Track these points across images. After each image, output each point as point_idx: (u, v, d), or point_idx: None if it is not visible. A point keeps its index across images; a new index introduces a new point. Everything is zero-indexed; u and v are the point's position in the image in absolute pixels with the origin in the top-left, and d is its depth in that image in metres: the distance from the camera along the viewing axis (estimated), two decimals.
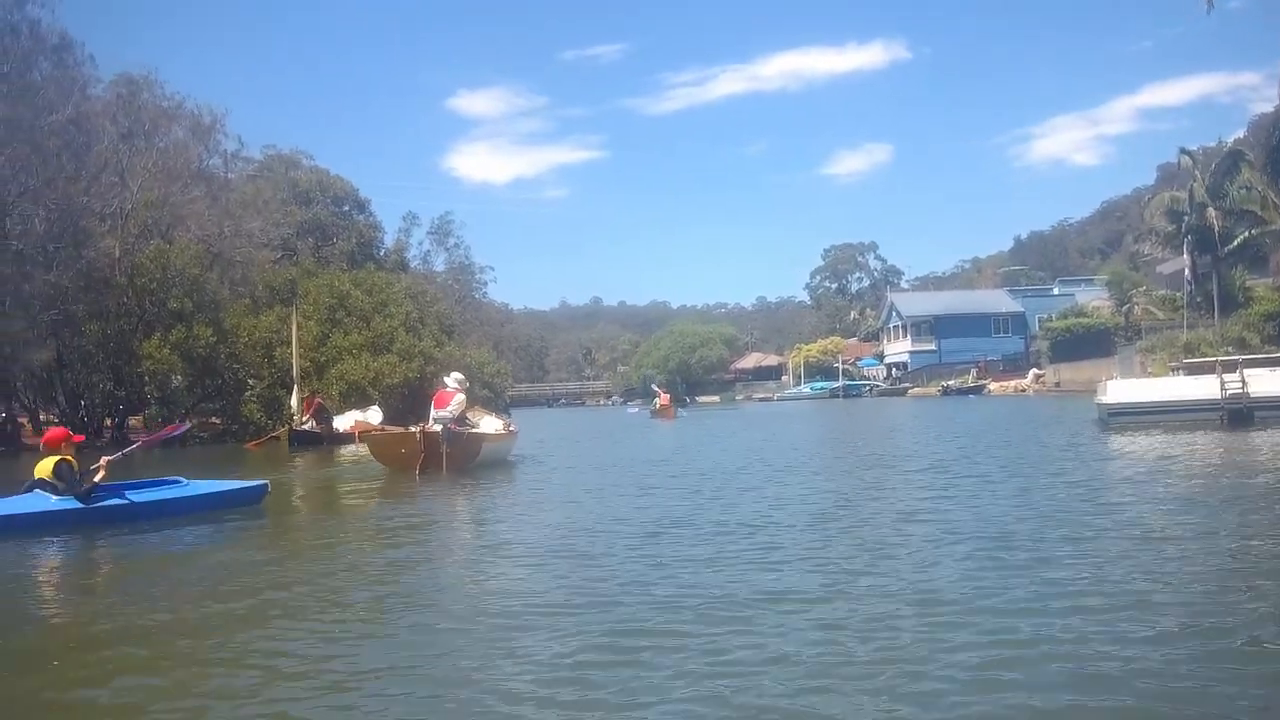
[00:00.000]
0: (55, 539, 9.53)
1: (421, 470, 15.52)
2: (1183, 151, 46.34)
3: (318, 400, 29.27)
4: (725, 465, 16.63)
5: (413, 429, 17.02)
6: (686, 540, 8.38)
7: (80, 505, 10.07)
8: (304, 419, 28.48)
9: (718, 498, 11.59)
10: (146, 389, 31.70)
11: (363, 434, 22.08)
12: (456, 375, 17.78)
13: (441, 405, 16.57)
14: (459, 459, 15.94)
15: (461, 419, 16.76)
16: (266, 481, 12.35)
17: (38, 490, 10.22)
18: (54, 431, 11.43)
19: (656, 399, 50.23)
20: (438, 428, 16.03)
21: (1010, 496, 10.56)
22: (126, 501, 10.60)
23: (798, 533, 8.64)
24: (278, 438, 27.51)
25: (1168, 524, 8.42)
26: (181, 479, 11.91)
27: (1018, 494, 10.76)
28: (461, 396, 16.84)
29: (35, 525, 9.68)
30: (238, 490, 11.99)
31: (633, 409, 62.95)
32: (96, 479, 10.42)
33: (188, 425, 24.42)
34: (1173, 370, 26.12)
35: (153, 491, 11.21)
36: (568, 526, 9.61)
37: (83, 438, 12.46)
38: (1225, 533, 8.02)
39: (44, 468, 10.33)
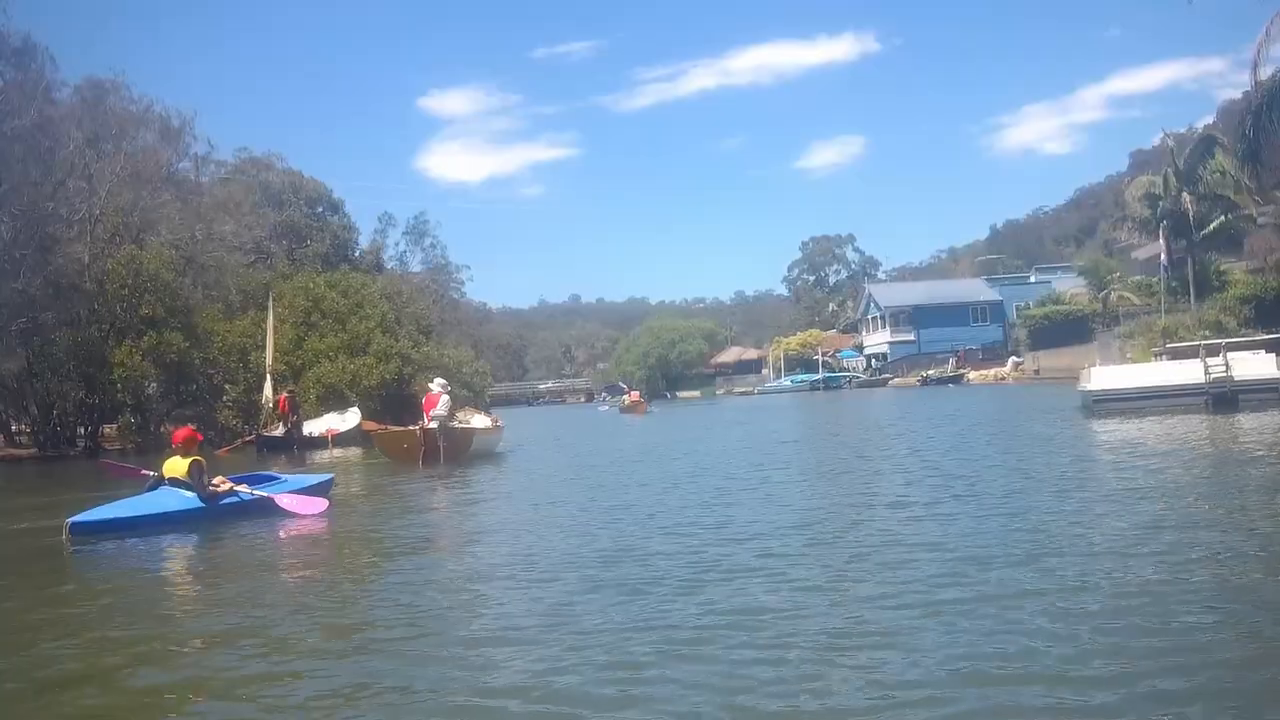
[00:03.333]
0: (191, 532, 10.58)
1: (424, 462, 17.98)
2: (1165, 134, 46.70)
3: (289, 397, 28.88)
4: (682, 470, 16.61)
5: (413, 427, 19.52)
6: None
7: (204, 505, 11.12)
8: (277, 420, 28.15)
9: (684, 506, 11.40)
10: (120, 396, 31.10)
11: (370, 431, 23.03)
12: (439, 380, 20.42)
13: (431, 406, 19.02)
14: (454, 451, 18.54)
15: (451, 416, 19.41)
16: (332, 475, 14.06)
17: (166, 488, 11.17)
18: (184, 432, 12.14)
19: (625, 395, 54.31)
20: (434, 425, 18.51)
21: (1020, 509, 9.14)
22: (239, 499, 11.65)
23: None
24: (251, 442, 27.15)
25: (1193, 524, 8.00)
26: (277, 475, 13.36)
27: (1025, 506, 9.32)
28: (446, 398, 19.28)
29: (174, 521, 10.75)
30: (320, 483, 13.25)
31: (603, 407, 64.87)
32: (220, 489, 11.52)
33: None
34: (1155, 355, 26.11)
35: (259, 488, 12.24)
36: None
37: (202, 437, 13.64)
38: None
39: (178, 467, 11.23)
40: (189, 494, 11.07)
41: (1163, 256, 44.48)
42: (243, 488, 11.91)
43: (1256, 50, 33.03)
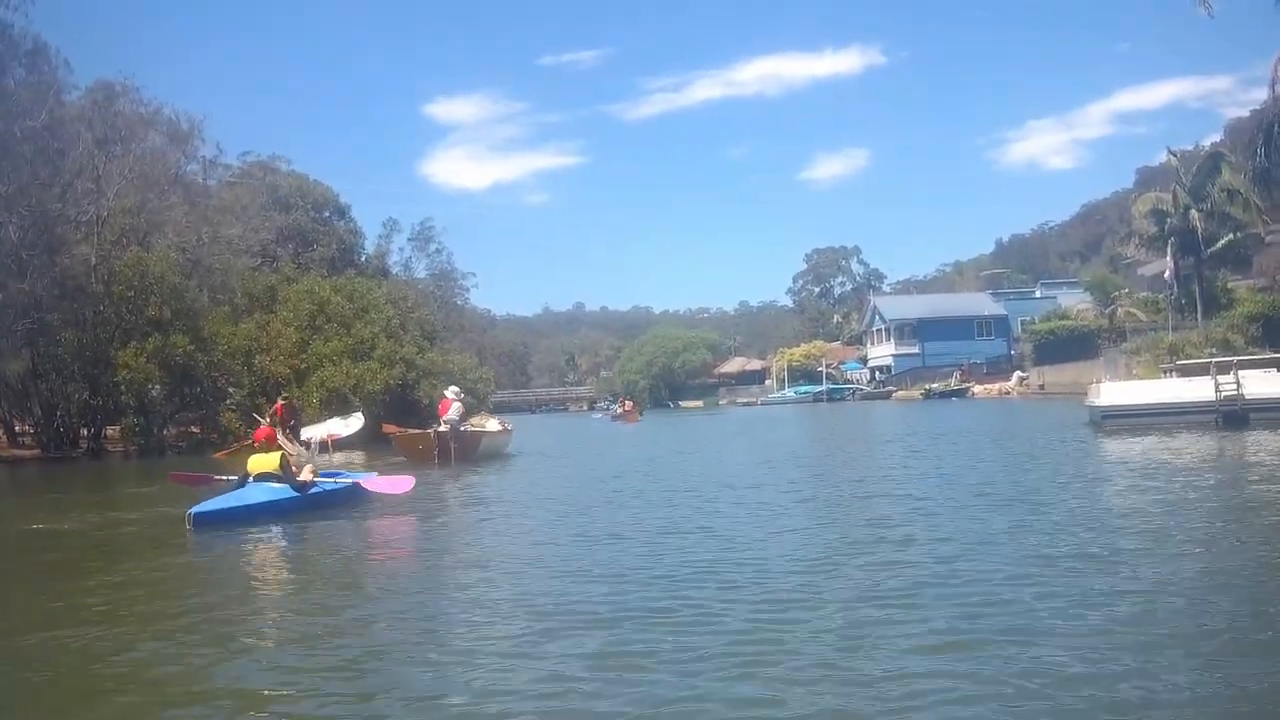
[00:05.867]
0: (291, 520, 11.69)
1: (438, 461, 19.71)
2: (1169, 151, 46.54)
3: (286, 404, 28.62)
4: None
5: (428, 430, 21.17)
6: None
7: (297, 494, 12.20)
8: (276, 425, 27.90)
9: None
10: (123, 398, 31.02)
11: (390, 432, 23.47)
12: (453, 388, 22.59)
13: (445, 411, 20.97)
14: (464, 452, 20.44)
15: (463, 420, 21.33)
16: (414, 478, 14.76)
17: (255, 482, 12.15)
18: (267, 430, 13.45)
19: (618, 404, 59.27)
20: (446, 428, 20.37)
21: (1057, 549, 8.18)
22: (324, 490, 12.79)
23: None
24: (251, 445, 26.93)
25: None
26: (343, 472, 14.66)
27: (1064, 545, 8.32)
28: (458, 404, 21.22)
29: (277, 510, 11.82)
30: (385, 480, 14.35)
31: (597, 415, 66.70)
32: (308, 480, 12.60)
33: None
34: (1164, 372, 25.96)
35: (341, 482, 13.41)
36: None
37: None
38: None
39: (266, 463, 12.27)
40: (279, 485, 12.06)
41: (1169, 273, 44.37)
42: (328, 481, 13.13)
43: (1274, 67, 32.91)
